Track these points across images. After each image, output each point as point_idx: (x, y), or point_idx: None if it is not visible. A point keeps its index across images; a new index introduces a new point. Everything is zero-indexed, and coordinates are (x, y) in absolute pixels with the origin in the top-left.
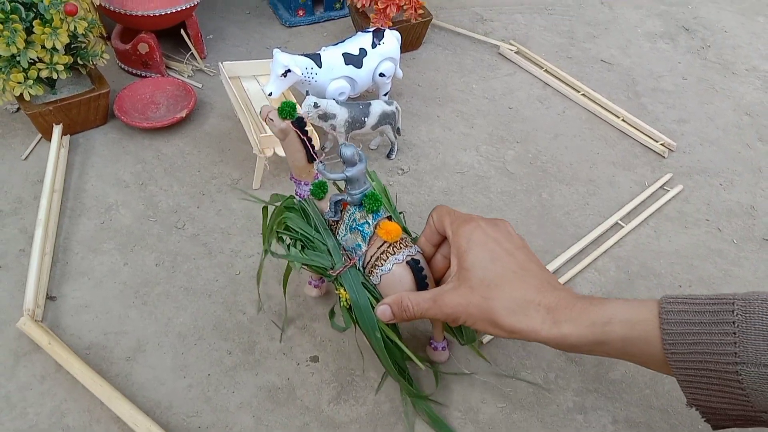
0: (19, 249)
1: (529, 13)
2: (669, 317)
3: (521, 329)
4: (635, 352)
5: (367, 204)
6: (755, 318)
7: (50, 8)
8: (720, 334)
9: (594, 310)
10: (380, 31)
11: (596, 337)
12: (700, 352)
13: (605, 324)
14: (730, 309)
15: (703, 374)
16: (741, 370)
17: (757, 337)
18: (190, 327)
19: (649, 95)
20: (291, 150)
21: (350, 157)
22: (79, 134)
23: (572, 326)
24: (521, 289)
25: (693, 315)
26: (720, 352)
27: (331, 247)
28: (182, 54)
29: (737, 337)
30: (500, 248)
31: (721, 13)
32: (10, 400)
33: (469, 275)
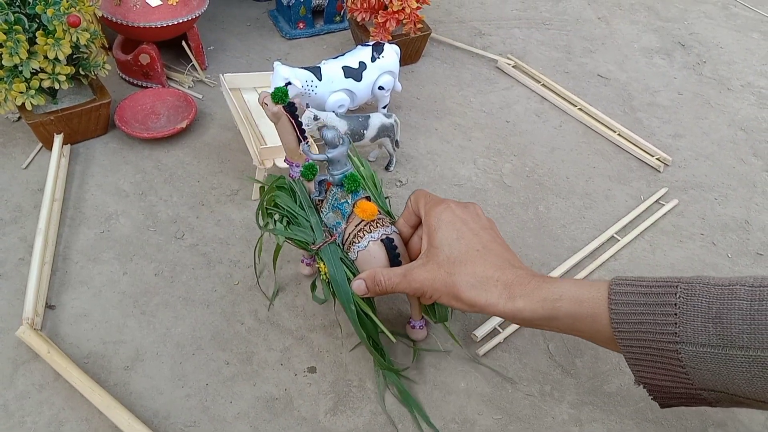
0: (18, 258)
1: (527, 27)
2: (617, 298)
3: (480, 303)
4: (583, 329)
5: (347, 184)
6: (695, 300)
7: (53, 19)
8: (662, 315)
9: (546, 287)
10: (380, 44)
11: (547, 312)
12: (644, 332)
13: (555, 300)
14: (673, 291)
15: (647, 352)
16: (681, 349)
17: (696, 319)
18: (189, 337)
19: (645, 110)
20: (283, 132)
21: (331, 140)
22: (79, 144)
23: (525, 301)
24: (482, 266)
25: (639, 296)
26: (662, 332)
27: (313, 223)
28: (183, 65)
29: (678, 318)
30: (466, 228)
31: (716, 30)
32: (8, 409)
33: (437, 252)
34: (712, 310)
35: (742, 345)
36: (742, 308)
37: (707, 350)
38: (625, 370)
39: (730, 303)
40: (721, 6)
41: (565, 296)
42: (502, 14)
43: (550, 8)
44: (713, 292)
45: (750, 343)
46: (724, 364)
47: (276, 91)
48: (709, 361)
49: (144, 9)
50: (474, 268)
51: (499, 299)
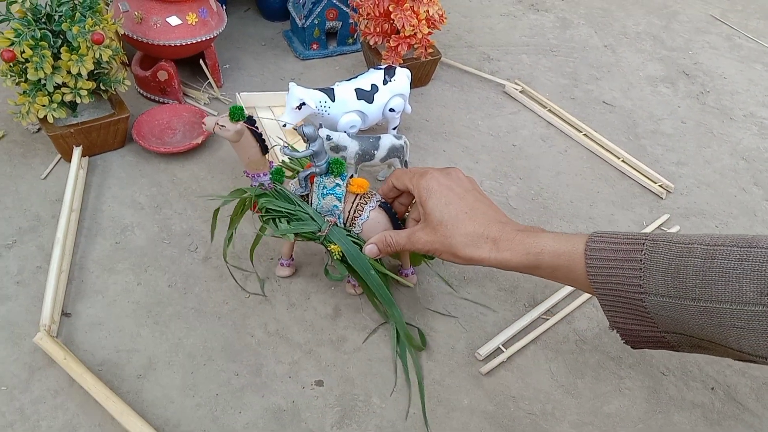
0: (36, 266)
1: (535, 54)
2: (593, 254)
3: (474, 257)
4: (561, 277)
5: (335, 169)
6: (658, 257)
7: (78, 36)
8: (630, 269)
9: (529, 241)
10: (392, 68)
11: (531, 262)
12: (614, 283)
13: (537, 254)
14: (639, 249)
15: (618, 300)
16: (645, 299)
17: (657, 273)
18: (200, 347)
19: (649, 137)
20: (246, 147)
21: (312, 134)
22: (97, 156)
23: (512, 254)
24: (471, 226)
25: (611, 252)
26: (629, 284)
27: (312, 213)
28: (199, 82)
29: (642, 272)
30: (452, 193)
31: (720, 60)
32: (24, 413)
33: (431, 218)
34: (672, 266)
35: (695, 297)
36: (696, 265)
37: (666, 300)
38: (625, 392)
39: (687, 260)
40: (725, 37)
41: (545, 250)
42: (511, 40)
43: (557, 35)
44: (673, 250)
45: (701, 295)
46: (680, 312)
47: (233, 110)
48: (668, 309)
49: (164, 27)
50: (465, 230)
51: (490, 254)
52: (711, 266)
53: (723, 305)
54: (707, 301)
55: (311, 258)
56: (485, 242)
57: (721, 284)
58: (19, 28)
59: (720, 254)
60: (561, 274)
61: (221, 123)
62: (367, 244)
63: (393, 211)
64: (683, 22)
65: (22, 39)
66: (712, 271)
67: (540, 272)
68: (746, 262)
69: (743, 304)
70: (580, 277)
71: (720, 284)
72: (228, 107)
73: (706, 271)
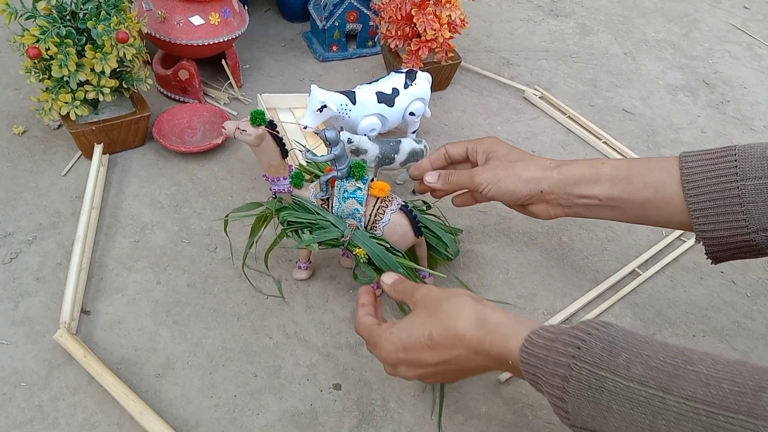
0: (56, 262)
1: (554, 60)
2: (687, 162)
3: (537, 176)
4: (618, 189)
5: (356, 172)
6: (750, 150)
7: (103, 34)
8: (725, 162)
9: (590, 160)
10: (413, 72)
11: (593, 174)
12: (710, 177)
13: (600, 165)
14: (732, 148)
15: (710, 198)
16: (741, 185)
17: (752, 159)
18: (219, 348)
19: (669, 146)
20: (267, 152)
21: (335, 138)
22: (117, 154)
23: (575, 167)
24: (535, 158)
25: (703, 155)
26: (726, 173)
27: (333, 220)
28: (219, 82)
29: (738, 162)
30: (512, 147)
31: (741, 70)
32: (43, 409)
33: (497, 155)
34: (766, 152)
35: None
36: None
37: (763, 182)
38: None
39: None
40: (746, 46)
41: (607, 163)
42: (530, 45)
43: (577, 42)
44: (765, 144)
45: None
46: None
47: (254, 114)
48: (765, 192)
49: (187, 27)
50: (532, 158)
51: (552, 171)
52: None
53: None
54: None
55: (330, 260)
56: (550, 165)
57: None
58: (45, 26)
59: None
60: (619, 189)
61: (242, 127)
62: (428, 174)
63: (414, 213)
64: (703, 30)
65: (48, 36)
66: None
67: (598, 188)
68: None
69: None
70: (645, 185)
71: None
72: (248, 107)
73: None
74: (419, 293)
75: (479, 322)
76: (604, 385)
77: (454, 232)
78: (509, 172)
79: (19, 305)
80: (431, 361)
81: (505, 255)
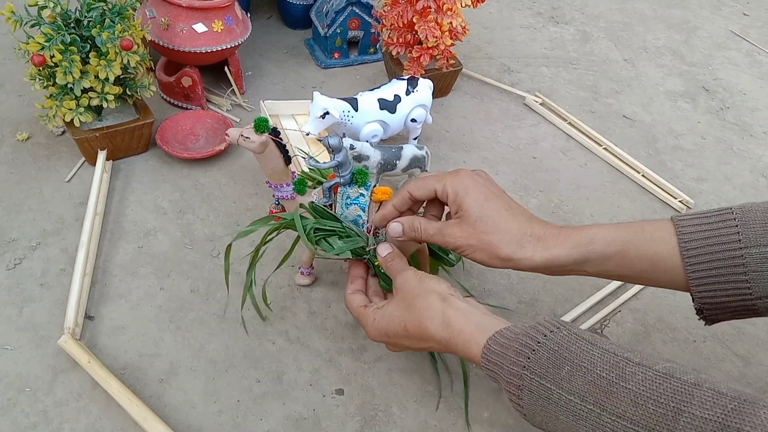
0: (60, 268)
1: (555, 66)
2: (684, 229)
3: (516, 257)
4: (612, 267)
5: (359, 179)
6: (751, 213)
7: (107, 42)
8: (726, 228)
9: (576, 234)
10: (415, 79)
11: (581, 255)
12: (710, 245)
13: (588, 244)
14: (730, 212)
15: (711, 267)
16: (745, 253)
17: (755, 225)
18: (222, 353)
19: (669, 153)
20: (270, 158)
21: (338, 145)
22: (120, 160)
23: (559, 250)
24: (514, 223)
25: (700, 220)
26: (727, 242)
27: (356, 229)
28: (222, 88)
29: (739, 228)
30: (489, 191)
31: (740, 76)
32: (47, 415)
33: (469, 214)
34: (767, 216)
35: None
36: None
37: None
38: None
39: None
40: (745, 53)
41: (596, 238)
42: (531, 52)
43: (577, 48)
44: (762, 206)
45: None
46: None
47: (257, 121)
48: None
49: (190, 34)
50: (508, 226)
51: (535, 252)
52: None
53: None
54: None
55: (332, 266)
56: (529, 240)
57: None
58: (50, 33)
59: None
60: (613, 264)
61: (246, 134)
62: (393, 221)
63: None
64: (703, 37)
65: (52, 44)
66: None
67: (588, 266)
68: None
69: None
70: (639, 260)
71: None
72: (250, 114)
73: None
74: (399, 280)
75: (444, 325)
76: (550, 397)
77: None
78: (484, 246)
79: (23, 311)
80: (411, 345)
81: None
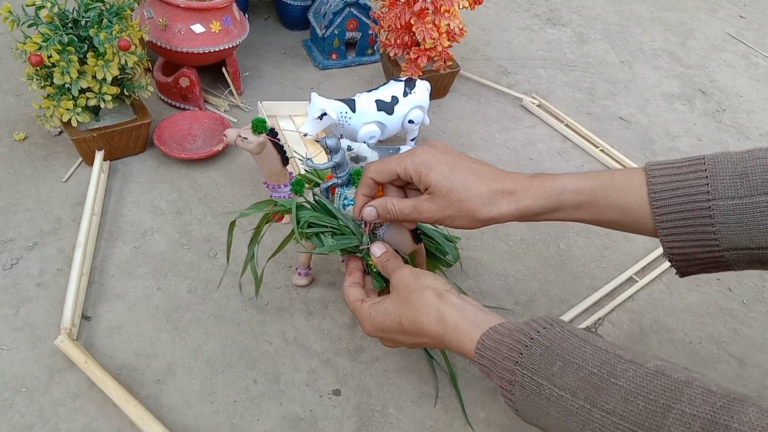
0: (56, 268)
1: (552, 68)
2: (655, 179)
3: (493, 215)
4: (583, 214)
5: (356, 179)
6: (722, 165)
7: (105, 42)
8: (696, 179)
9: (547, 184)
10: (412, 80)
11: (552, 205)
12: (679, 196)
13: (559, 194)
14: (701, 161)
15: (680, 217)
16: (713, 205)
17: (725, 177)
18: (219, 354)
19: (666, 154)
20: (268, 159)
21: (335, 146)
22: (118, 160)
23: (532, 200)
24: (484, 184)
25: (672, 169)
26: (696, 193)
27: (352, 227)
28: (220, 89)
29: (709, 179)
30: (451, 160)
31: (736, 79)
32: (44, 415)
33: (438, 188)
34: (738, 168)
35: (767, 191)
36: (764, 162)
37: (736, 202)
38: None
39: (752, 161)
40: (742, 55)
41: (566, 188)
42: (528, 54)
43: (574, 50)
44: (735, 157)
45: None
46: (750, 214)
47: (255, 122)
48: (737, 213)
49: (188, 35)
50: (478, 189)
51: (509, 206)
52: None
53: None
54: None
55: (329, 266)
56: (502, 197)
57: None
58: (47, 33)
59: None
60: (583, 212)
61: (243, 135)
62: (367, 205)
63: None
64: (700, 39)
65: (50, 44)
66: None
67: (560, 214)
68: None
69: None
70: (609, 209)
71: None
72: (248, 114)
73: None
74: (395, 277)
75: (439, 320)
76: (542, 392)
77: (453, 239)
78: (462, 213)
79: (19, 311)
80: (406, 341)
81: (504, 262)
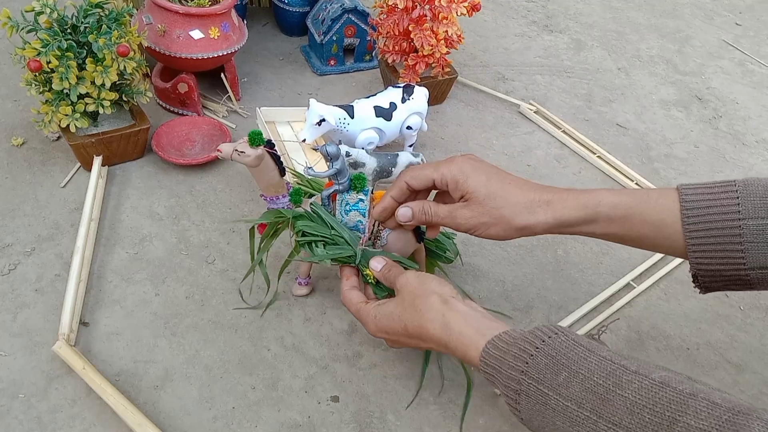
0: (54, 274)
1: (549, 74)
2: (688, 197)
3: (530, 224)
4: (615, 229)
5: (357, 184)
6: (752, 187)
7: (104, 48)
8: (727, 198)
9: (584, 196)
10: (410, 87)
11: (588, 216)
12: (710, 214)
13: (595, 206)
14: (732, 184)
15: (709, 235)
16: (743, 224)
17: (755, 198)
18: (217, 360)
19: (662, 161)
20: (266, 171)
21: (336, 153)
22: (116, 166)
23: (568, 210)
24: (522, 194)
25: (704, 190)
26: (726, 212)
27: (347, 238)
28: (218, 95)
29: (739, 199)
30: (488, 170)
31: (733, 86)
32: (42, 421)
33: (475, 195)
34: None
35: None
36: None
37: (765, 222)
38: None
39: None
40: (738, 62)
41: (603, 202)
42: (525, 60)
43: (571, 57)
44: (765, 180)
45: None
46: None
47: (252, 135)
48: (766, 233)
49: (187, 41)
50: (516, 198)
51: (545, 215)
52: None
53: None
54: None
55: (328, 273)
56: (539, 206)
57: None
58: (46, 39)
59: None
60: (617, 226)
61: (240, 149)
62: (402, 206)
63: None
64: (696, 46)
65: (49, 49)
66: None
67: (594, 227)
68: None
69: None
70: (643, 224)
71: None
72: (246, 120)
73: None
74: (400, 282)
75: (444, 327)
76: (548, 402)
77: (450, 236)
78: (498, 220)
79: (17, 317)
80: (411, 344)
81: (501, 268)
